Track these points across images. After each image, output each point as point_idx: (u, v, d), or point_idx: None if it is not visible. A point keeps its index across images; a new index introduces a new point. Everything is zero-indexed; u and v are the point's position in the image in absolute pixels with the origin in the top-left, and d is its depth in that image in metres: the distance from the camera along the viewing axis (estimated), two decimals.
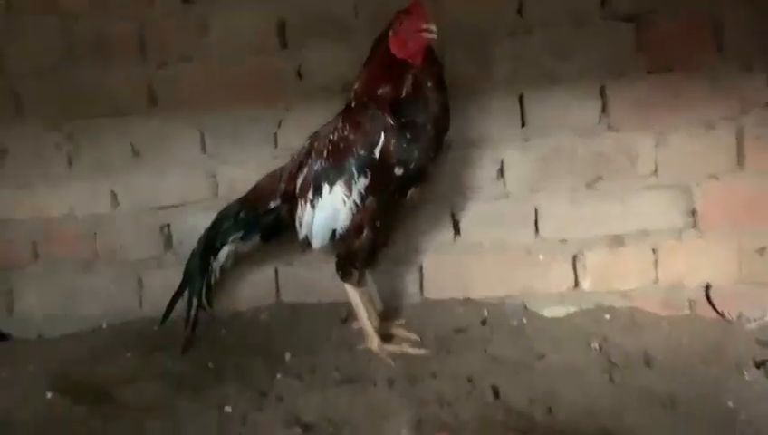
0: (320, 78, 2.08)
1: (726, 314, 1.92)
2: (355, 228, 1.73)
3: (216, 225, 1.92)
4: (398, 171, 1.66)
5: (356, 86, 1.73)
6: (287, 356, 1.82)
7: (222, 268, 1.95)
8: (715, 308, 1.93)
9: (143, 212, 2.17)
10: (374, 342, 1.79)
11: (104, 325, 2.18)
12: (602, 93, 1.97)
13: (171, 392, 1.63)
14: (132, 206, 2.18)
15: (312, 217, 1.76)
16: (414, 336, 1.89)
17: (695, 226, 1.96)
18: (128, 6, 2.12)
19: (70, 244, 2.21)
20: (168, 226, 2.19)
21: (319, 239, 1.79)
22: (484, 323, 1.95)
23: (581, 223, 2.01)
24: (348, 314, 2.06)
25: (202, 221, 2.07)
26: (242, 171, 2.11)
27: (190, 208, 2.16)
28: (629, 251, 1.99)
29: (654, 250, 1.98)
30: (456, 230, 2.07)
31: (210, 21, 2.10)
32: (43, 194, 2.20)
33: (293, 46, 2.10)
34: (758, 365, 1.48)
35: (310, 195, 1.75)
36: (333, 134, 1.70)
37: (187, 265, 1.94)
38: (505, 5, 1.99)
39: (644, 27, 1.94)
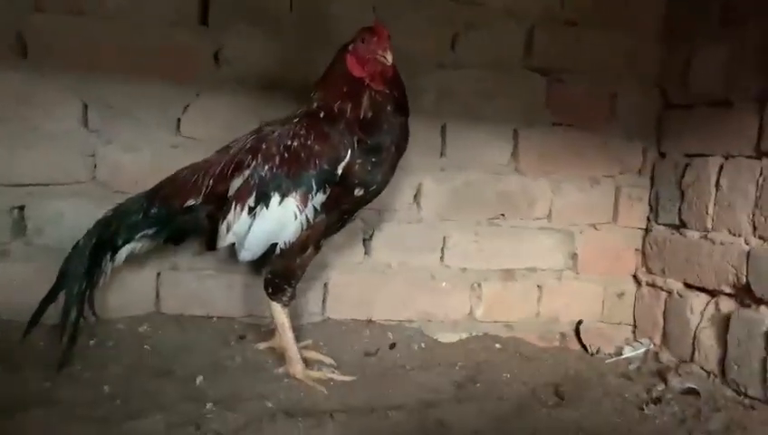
0: (240, 68, 1.88)
1: (589, 348, 2.17)
2: (300, 245, 1.60)
3: (119, 218, 1.60)
4: (359, 192, 1.59)
5: (315, 94, 1.60)
6: (198, 380, 1.58)
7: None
8: (581, 343, 2.18)
9: None
10: (298, 367, 1.66)
11: None
12: (515, 137, 2.11)
13: (73, 427, 1.30)
14: None
15: (249, 227, 1.57)
16: (329, 360, 1.79)
17: (573, 268, 2.19)
18: None
19: None
20: (22, 208, 1.77)
21: (250, 252, 1.61)
22: (392, 347, 1.93)
23: (481, 255, 2.11)
24: (246, 332, 1.88)
25: (69, 208, 1.80)
26: (130, 156, 1.83)
27: (56, 191, 1.78)
28: (519, 286, 2.15)
29: (539, 287, 2.16)
30: (366, 250, 2.03)
31: None
32: None
33: (215, 26, 1.86)
34: (654, 402, 1.70)
35: (251, 201, 1.56)
36: (293, 140, 1.55)
37: (67, 262, 1.58)
38: (441, 38, 2.02)
39: (554, 83, 2.12)
